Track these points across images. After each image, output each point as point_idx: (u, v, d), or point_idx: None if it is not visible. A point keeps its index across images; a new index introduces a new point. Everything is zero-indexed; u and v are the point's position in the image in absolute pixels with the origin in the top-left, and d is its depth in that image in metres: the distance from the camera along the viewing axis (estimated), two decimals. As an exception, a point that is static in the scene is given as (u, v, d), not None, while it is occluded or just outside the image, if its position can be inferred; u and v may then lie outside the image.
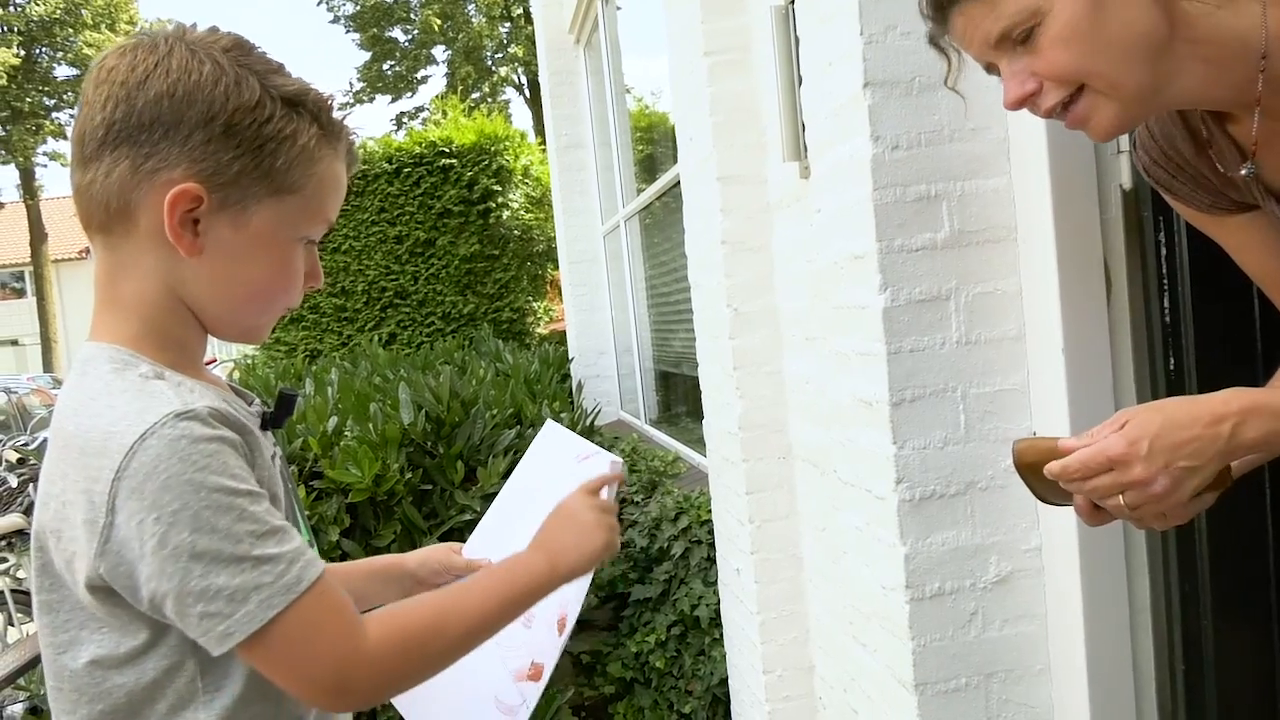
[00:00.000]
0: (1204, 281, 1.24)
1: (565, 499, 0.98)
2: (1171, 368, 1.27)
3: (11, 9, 22.72)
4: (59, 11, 22.85)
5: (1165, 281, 1.26)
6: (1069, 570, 1.33)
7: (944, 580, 1.37)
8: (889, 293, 1.34)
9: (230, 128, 0.76)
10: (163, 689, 0.76)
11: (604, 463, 1.08)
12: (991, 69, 0.90)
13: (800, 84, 1.69)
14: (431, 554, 1.15)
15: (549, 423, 1.25)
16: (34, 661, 1.86)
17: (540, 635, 1.06)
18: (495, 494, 2.96)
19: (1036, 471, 0.90)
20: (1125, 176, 1.29)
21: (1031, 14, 0.82)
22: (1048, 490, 0.91)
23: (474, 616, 0.83)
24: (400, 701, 1.12)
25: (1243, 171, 0.90)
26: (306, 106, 0.80)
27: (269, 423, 0.88)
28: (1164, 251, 1.26)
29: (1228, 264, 1.08)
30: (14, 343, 31.72)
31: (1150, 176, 1.02)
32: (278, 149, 0.78)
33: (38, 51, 23.58)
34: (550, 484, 1.06)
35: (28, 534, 3.77)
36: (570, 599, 1.03)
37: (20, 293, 31.94)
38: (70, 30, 23.31)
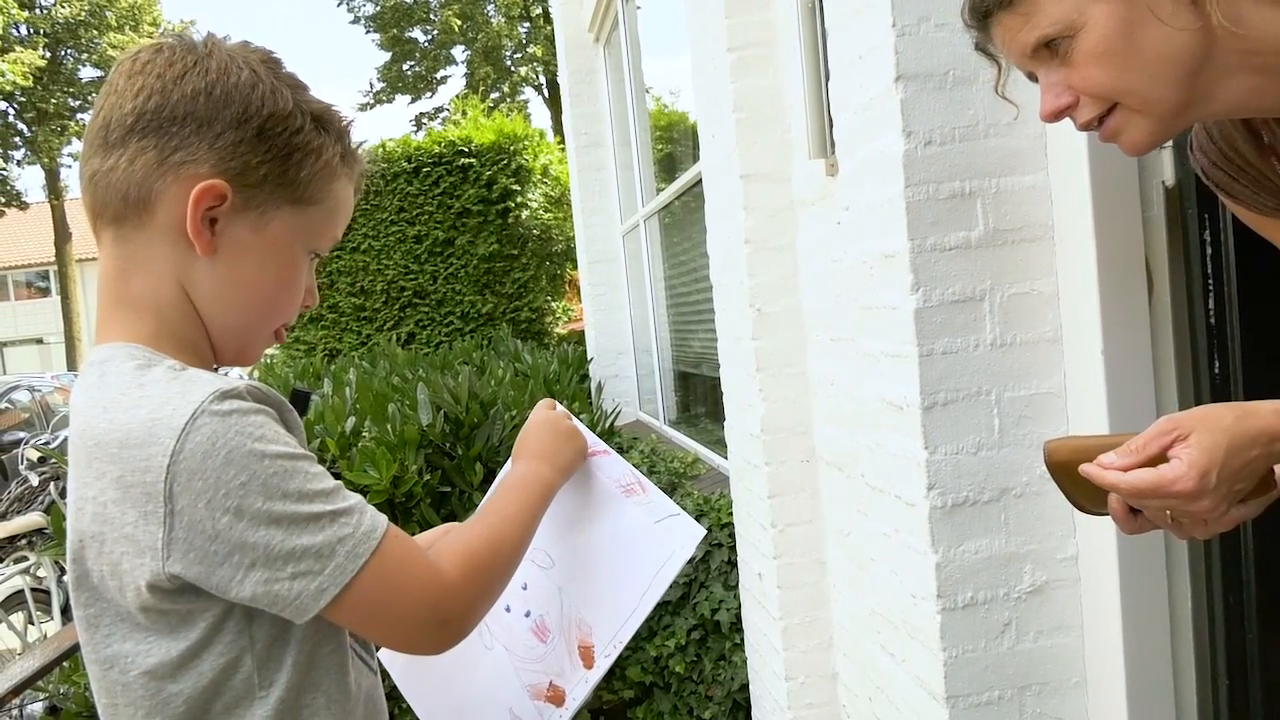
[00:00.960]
0: (1250, 282, 1.20)
1: (532, 418, 1.05)
2: (1216, 371, 1.22)
3: (37, 11, 22.98)
4: (84, 14, 23.10)
5: (1210, 282, 1.22)
6: (1107, 580, 1.29)
7: (976, 590, 1.33)
8: (921, 293, 1.30)
9: (263, 131, 0.77)
10: (220, 690, 0.75)
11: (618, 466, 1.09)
12: (1033, 77, 0.90)
13: (828, 79, 1.65)
14: None
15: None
16: (54, 663, 1.86)
17: (559, 656, 1.04)
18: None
19: (1069, 472, 0.85)
20: (1168, 173, 1.24)
21: (1066, 26, 0.81)
22: (1080, 494, 0.87)
23: (516, 527, 0.88)
24: (417, 705, 1.09)
25: None
26: (333, 125, 0.82)
27: None
28: (1209, 250, 1.22)
29: (1275, 264, 1.04)
30: (39, 341, 32.11)
31: (1209, 179, 0.99)
32: (303, 160, 0.79)
33: (63, 53, 23.84)
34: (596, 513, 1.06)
35: (48, 533, 3.79)
36: (605, 636, 1.01)
37: (45, 292, 32.34)
38: (95, 32, 23.55)
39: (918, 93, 1.29)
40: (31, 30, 23.08)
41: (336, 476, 2.81)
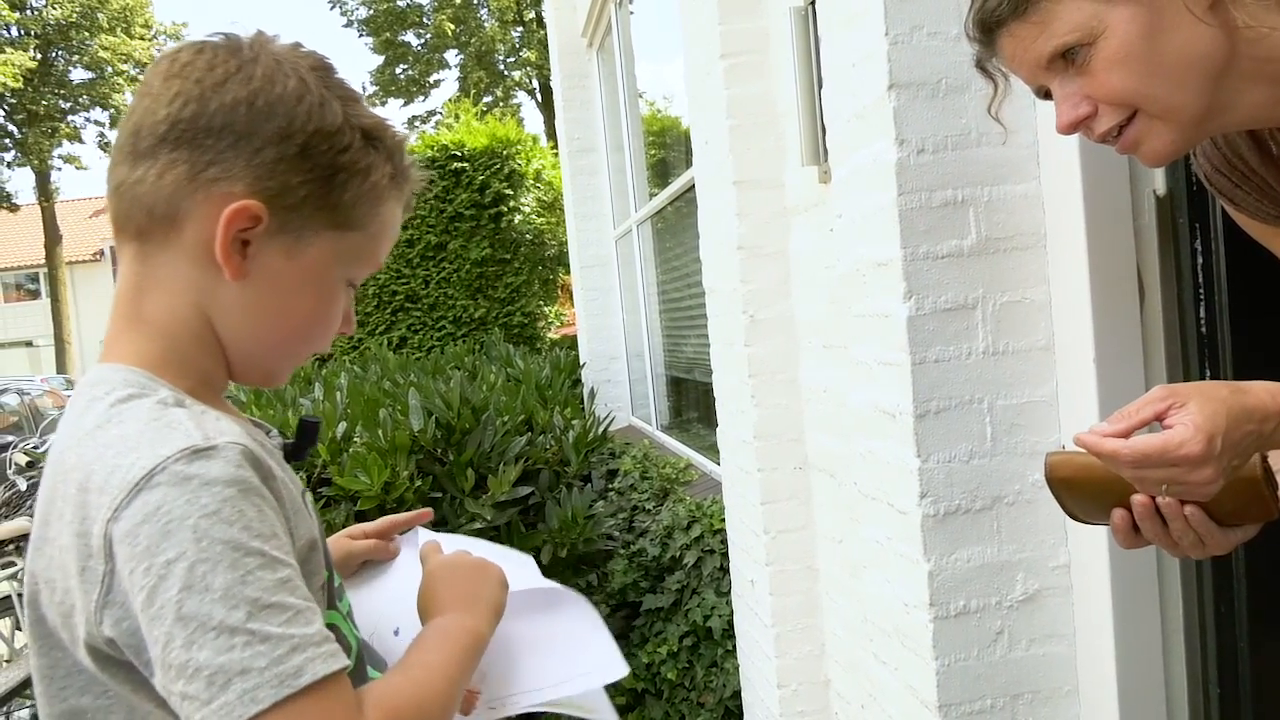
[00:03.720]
0: (1242, 291, 1.20)
1: (427, 569, 0.89)
2: (1207, 379, 1.23)
3: (28, 12, 22.90)
4: (75, 15, 23.02)
5: (1201, 291, 1.22)
6: (1099, 589, 1.29)
7: (969, 598, 1.33)
8: (913, 301, 1.30)
9: (306, 149, 0.70)
10: None
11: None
12: (1041, 92, 0.87)
13: (820, 86, 1.65)
14: (335, 545, 1.01)
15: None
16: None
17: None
18: (506, 502, 2.92)
19: (1070, 487, 0.84)
20: (1159, 182, 1.24)
21: (1085, 33, 0.79)
22: (1080, 508, 0.86)
23: (443, 680, 0.74)
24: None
25: None
26: (385, 143, 0.75)
27: (290, 454, 0.80)
28: (1200, 259, 1.22)
29: (1267, 273, 1.04)
30: (28, 344, 31.94)
31: (1212, 185, 0.98)
32: (348, 181, 0.72)
33: (53, 55, 23.76)
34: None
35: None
36: (495, 691, 0.90)
37: (35, 294, 32.17)
38: (86, 34, 23.48)
39: (910, 101, 1.29)
40: (22, 31, 23.00)
41: (326, 483, 2.72)
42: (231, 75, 0.69)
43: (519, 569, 1.00)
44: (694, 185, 2.51)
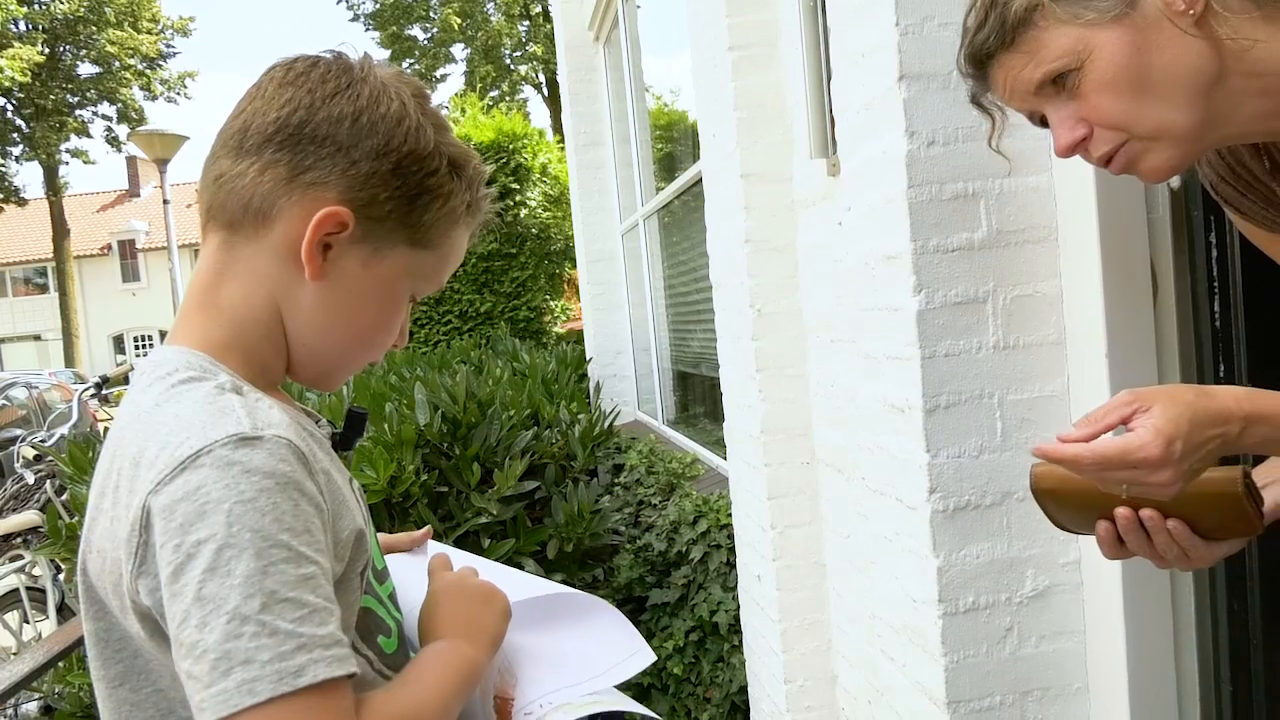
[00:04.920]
0: (1256, 285, 1.19)
1: (432, 587, 0.88)
2: (1221, 375, 1.21)
3: (36, 7, 22.94)
4: (82, 9, 23.05)
5: (1215, 284, 1.21)
6: (1110, 585, 1.27)
7: (978, 594, 1.32)
8: (923, 295, 1.28)
9: (399, 168, 0.75)
10: None
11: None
12: (1035, 118, 0.88)
13: (829, 78, 1.64)
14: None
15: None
16: (49, 664, 1.84)
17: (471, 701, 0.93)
18: (512, 496, 2.91)
19: (1055, 498, 0.86)
20: (1175, 177, 1.23)
21: (1072, 58, 0.80)
22: (1066, 518, 0.87)
23: (437, 700, 0.74)
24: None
25: None
26: (468, 173, 0.80)
27: (339, 444, 0.83)
28: (1214, 253, 1.21)
29: (1283, 267, 1.02)
30: (36, 338, 32.07)
31: (1218, 193, 0.98)
32: (430, 204, 0.77)
33: (61, 49, 23.80)
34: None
35: (43, 531, 3.77)
36: (530, 694, 0.89)
37: (43, 288, 32.30)
38: (94, 28, 23.51)
39: (921, 92, 1.27)
40: (30, 26, 23.04)
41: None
42: (341, 90, 0.74)
43: (529, 582, 0.99)
44: (701, 179, 2.50)
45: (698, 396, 4.20)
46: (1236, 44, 0.78)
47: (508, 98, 22.84)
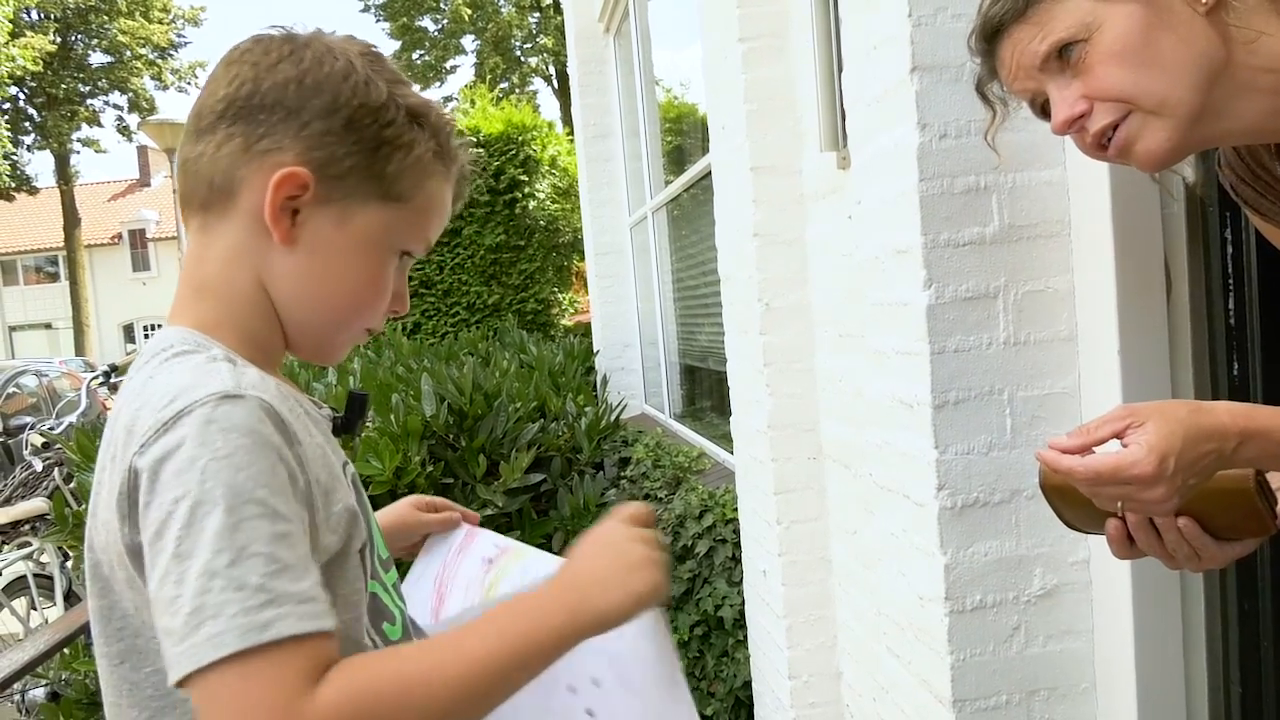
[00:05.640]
0: (1272, 282, 1.17)
1: (599, 528, 0.76)
2: (1235, 373, 1.20)
3: (48, -4, 22.99)
4: (94, -1, 23.09)
5: (1230, 282, 1.19)
6: (1119, 585, 1.26)
7: (985, 592, 1.31)
8: (934, 289, 1.27)
9: (351, 123, 0.75)
10: None
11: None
12: (1037, 104, 0.88)
13: (840, 70, 1.62)
14: (397, 512, 1.06)
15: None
16: (55, 649, 1.85)
17: None
18: (518, 489, 2.91)
19: (1064, 496, 0.85)
20: (1189, 170, 1.21)
21: (1081, 29, 0.80)
22: (1075, 516, 0.87)
23: (458, 683, 0.63)
24: None
25: None
26: (430, 120, 0.79)
27: (340, 428, 0.84)
28: (1229, 250, 1.19)
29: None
30: (47, 326, 32.23)
31: (1238, 195, 0.97)
32: (392, 154, 0.77)
33: (73, 39, 23.86)
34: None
35: (51, 518, 3.79)
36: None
37: (54, 277, 32.43)
38: (105, 17, 23.56)
39: (933, 85, 1.26)
40: (42, 15, 23.10)
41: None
42: (284, 58, 0.75)
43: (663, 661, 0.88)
44: (710, 172, 2.48)
45: (705, 390, 4.19)
46: (1243, 33, 0.78)
47: (518, 90, 22.81)
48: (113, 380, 5.02)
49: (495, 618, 0.69)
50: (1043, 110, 0.88)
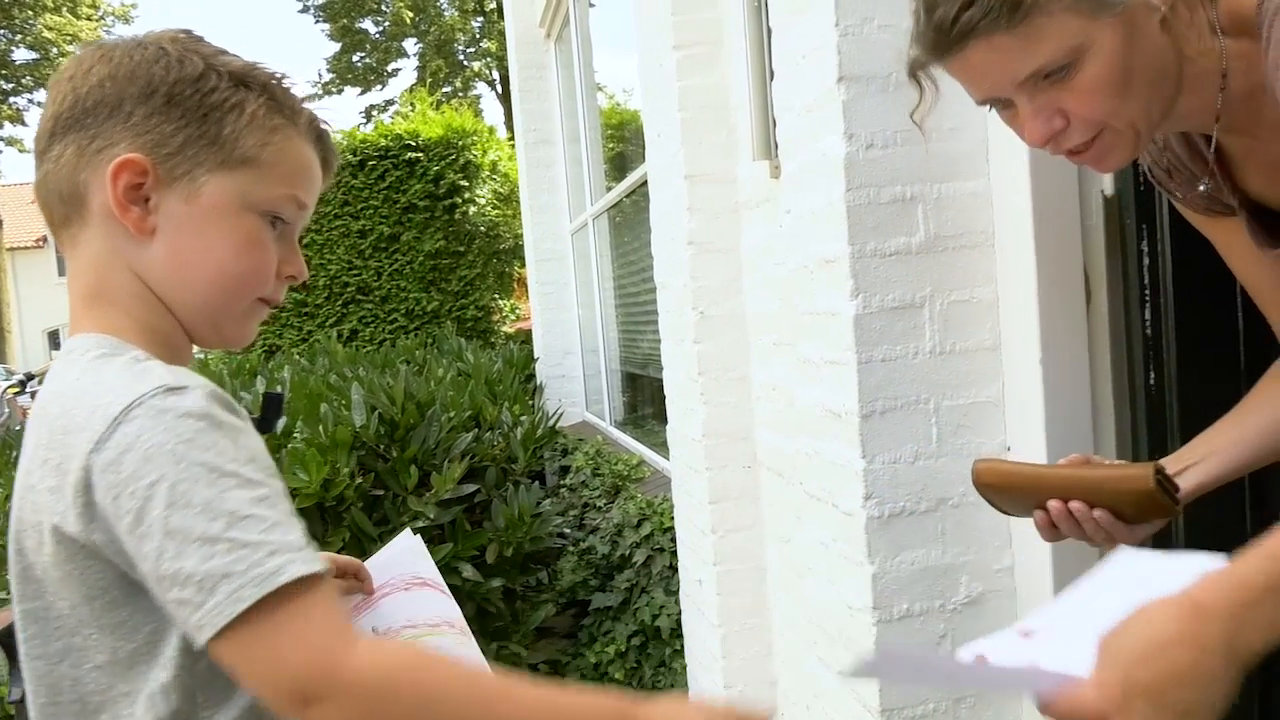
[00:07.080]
0: (1187, 293, 1.20)
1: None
2: (1151, 382, 1.22)
3: (-32, -11, 22.13)
4: (18, -7, 22.28)
5: (1147, 292, 1.21)
6: (1042, 591, 1.27)
7: (912, 601, 1.31)
8: (860, 299, 1.27)
9: (172, 99, 0.75)
10: (171, 693, 0.70)
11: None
12: (996, 104, 0.84)
13: (772, 79, 1.62)
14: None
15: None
16: None
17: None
18: (451, 500, 2.85)
19: (996, 491, 0.98)
20: (1107, 183, 1.23)
21: (1071, 51, 0.77)
22: (1008, 503, 0.99)
23: (486, 709, 0.65)
24: None
25: (1200, 188, 0.92)
26: (255, 79, 0.79)
27: (258, 428, 0.81)
28: (1146, 261, 1.21)
29: (1212, 275, 1.04)
30: (-34, 332, 30.93)
31: (1153, 176, 1.00)
32: (224, 118, 0.76)
33: (-5, 34, 22.99)
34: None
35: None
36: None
37: (-27, 281, 31.13)
38: (30, 13, 22.74)
39: (860, 95, 1.26)
40: (-38, 9, 22.22)
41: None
42: (96, 62, 0.76)
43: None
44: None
45: (645, 398, 4.18)
46: (1186, 39, 0.80)
47: (461, 94, 22.61)
48: (29, 389, 4.82)
49: (553, 689, 0.67)
50: (1000, 105, 0.84)
